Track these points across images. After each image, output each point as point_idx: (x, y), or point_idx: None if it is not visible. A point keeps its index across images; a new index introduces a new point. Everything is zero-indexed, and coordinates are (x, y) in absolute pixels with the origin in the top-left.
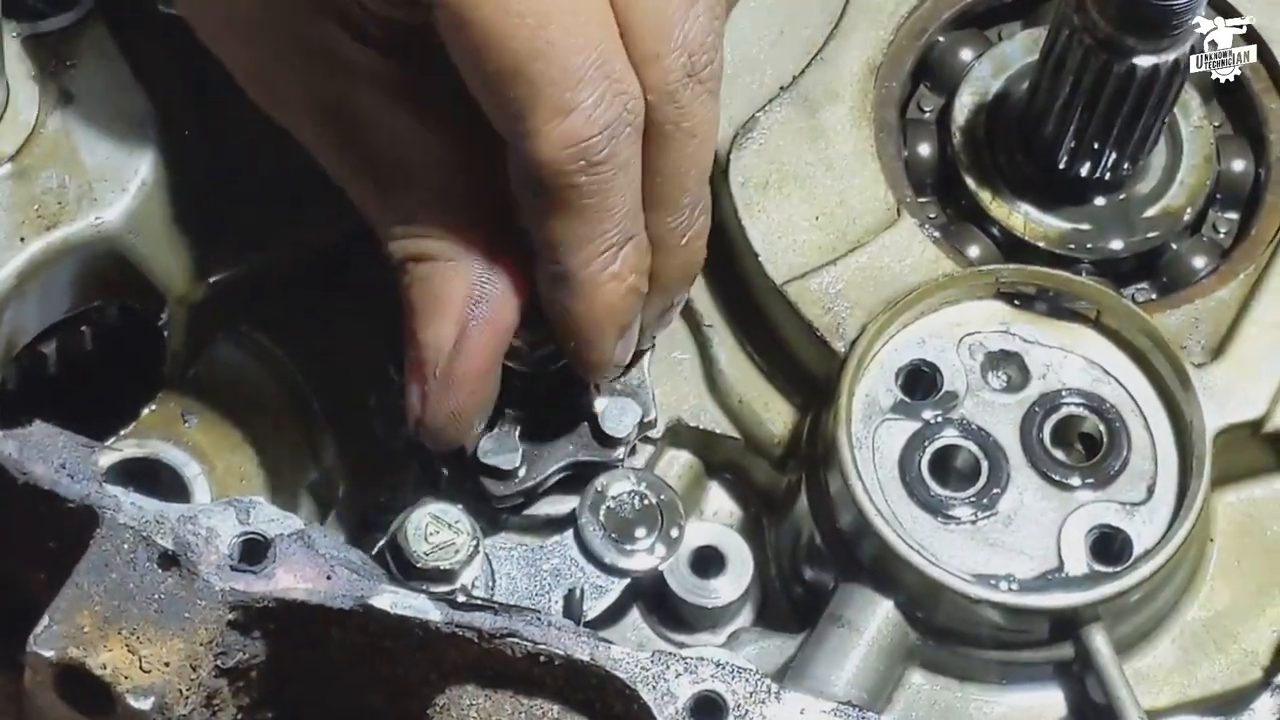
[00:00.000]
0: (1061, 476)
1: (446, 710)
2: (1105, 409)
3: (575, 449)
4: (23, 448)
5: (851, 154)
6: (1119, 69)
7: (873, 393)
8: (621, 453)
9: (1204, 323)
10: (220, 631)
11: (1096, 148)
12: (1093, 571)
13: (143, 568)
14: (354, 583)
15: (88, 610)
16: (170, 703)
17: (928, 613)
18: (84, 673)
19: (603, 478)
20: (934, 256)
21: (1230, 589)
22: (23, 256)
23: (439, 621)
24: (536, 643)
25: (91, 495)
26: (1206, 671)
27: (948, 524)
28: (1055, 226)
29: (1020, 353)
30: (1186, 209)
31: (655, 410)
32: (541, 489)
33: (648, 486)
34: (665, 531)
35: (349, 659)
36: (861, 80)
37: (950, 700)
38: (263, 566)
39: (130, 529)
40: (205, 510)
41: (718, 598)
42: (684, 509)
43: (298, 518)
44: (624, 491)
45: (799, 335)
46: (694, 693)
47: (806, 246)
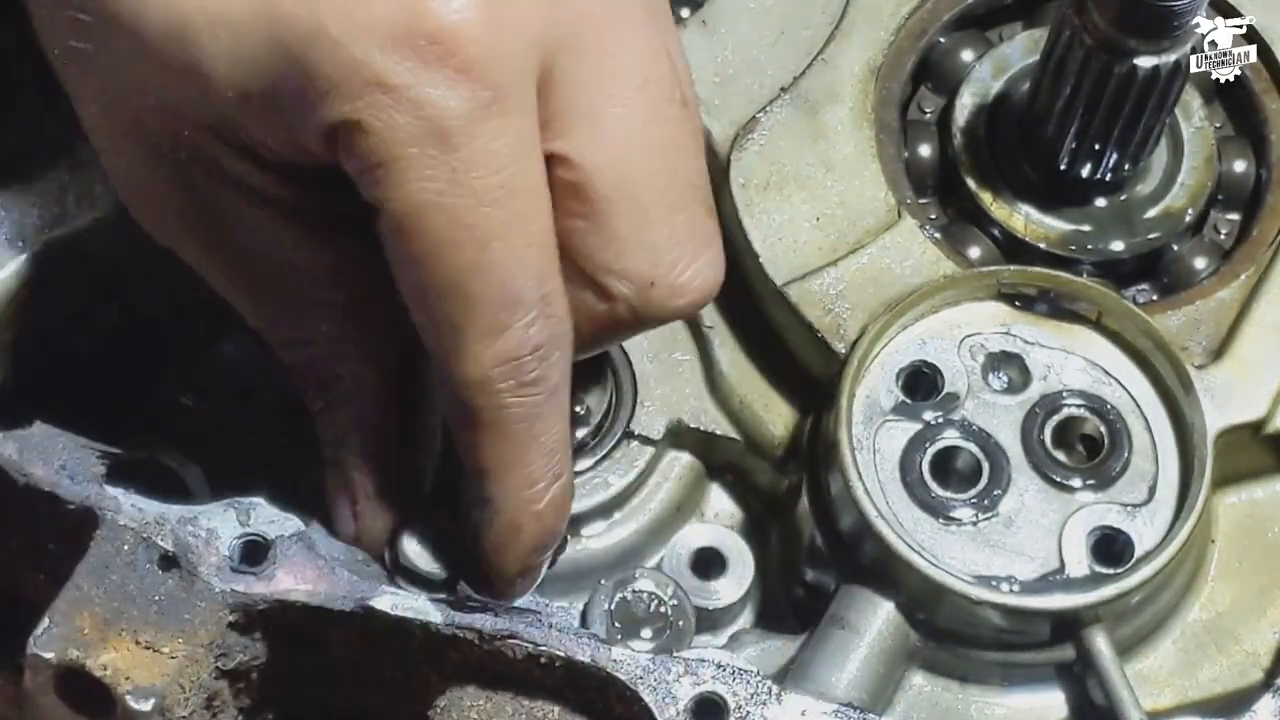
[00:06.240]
0: (1062, 478)
1: (447, 711)
2: (1106, 410)
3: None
4: (23, 449)
5: (852, 155)
6: (1120, 70)
7: (874, 394)
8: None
9: (1205, 324)
10: (220, 633)
11: (1097, 149)
12: (1094, 573)
13: (143, 569)
14: (354, 584)
15: (88, 612)
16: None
17: (929, 614)
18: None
19: (637, 571)
20: (935, 258)
21: (1231, 590)
22: (23, 256)
23: (439, 623)
24: (537, 644)
25: (92, 496)
26: (1208, 673)
27: (949, 525)
28: (1056, 228)
29: (1021, 354)
30: (1187, 210)
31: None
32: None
33: (671, 596)
34: (665, 643)
35: (349, 660)
36: (862, 81)
37: (951, 702)
38: (263, 568)
39: (130, 530)
40: (205, 512)
41: (719, 599)
42: (691, 637)
43: (298, 519)
44: (646, 591)
45: (800, 336)
46: (695, 694)
47: (807, 247)
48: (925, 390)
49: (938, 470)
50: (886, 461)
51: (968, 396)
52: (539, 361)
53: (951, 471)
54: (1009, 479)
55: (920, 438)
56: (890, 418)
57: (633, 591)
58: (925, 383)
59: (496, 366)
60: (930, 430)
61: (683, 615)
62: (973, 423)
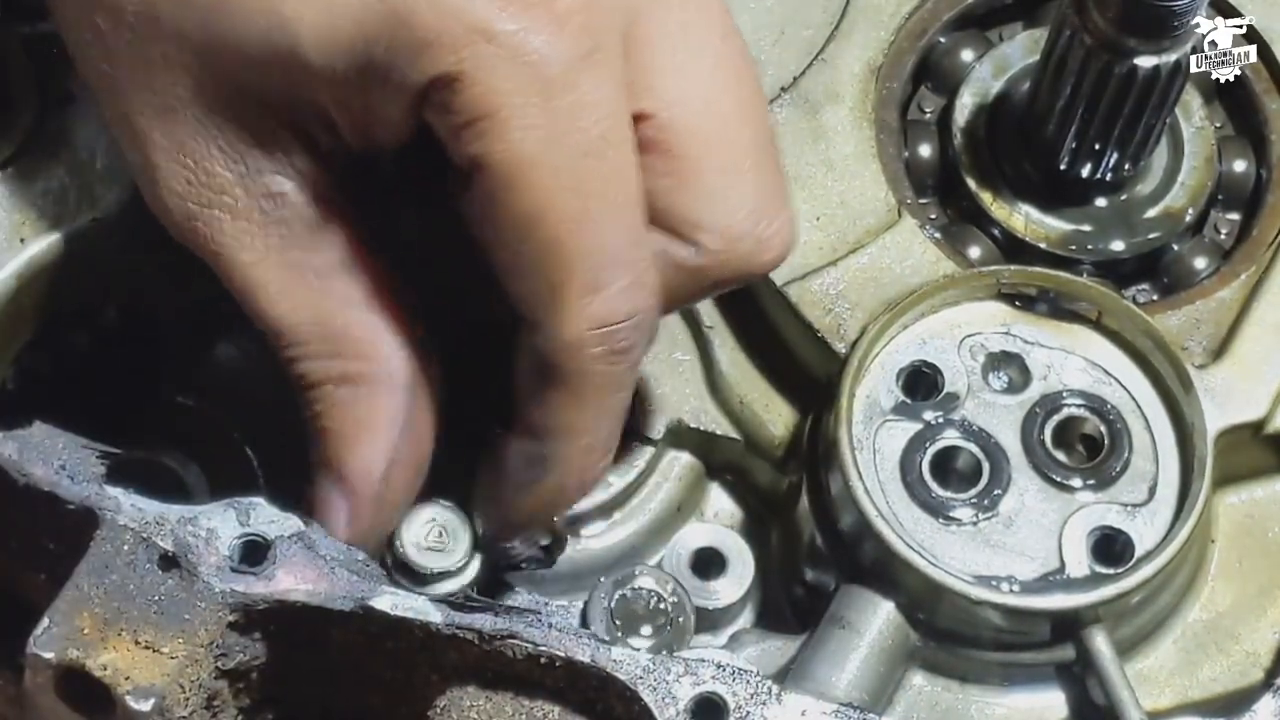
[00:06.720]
0: (1062, 478)
1: (447, 712)
2: (1106, 410)
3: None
4: (23, 449)
5: (852, 155)
6: (1120, 70)
7: (874, 394)
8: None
9: (1205, 324)
10: (220, 633)
11: (1098, 149)
12: (1094, 573)
13: (143, 569)
14: (354, 584)
15: (88, 612)
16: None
17: (929, 614)
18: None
19: (637, 569)
20: (935, 257)
21: (1231, 590)
22: (23, 257)
23: (439, 623)
24: (537, 644)
25: (91, 496)
26: (1208, 673)
27: (949, 525)
28: (1056, 227)
29: (1021, 354)
30: (1188, 210)
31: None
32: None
33: (671, 593)
34: (665, 640)
35: (349, 660)
36: (862, 81)
37: (951, 702)
38: (263, 568)
39: (130, 530)
40: (205, 511)
41: (718, 599)
42: (691, 635)
43: (298, 519)
44: (645, 588)
45: (800, 336)
46: (695, 694)
47: (807, 247)
48: (925, 390)
49: (938, 470)
50: (886, 461)
51: (968, 396)
52: (632, 329)
53: (951, 471)
54: (1009, 479)
55: (920, 438)
56: (890, 418)
57: (632, 589)
58: (925, 383)
59: (592, 329)
60: (930, 430)
61: (683, 612)
62: (973, 423)
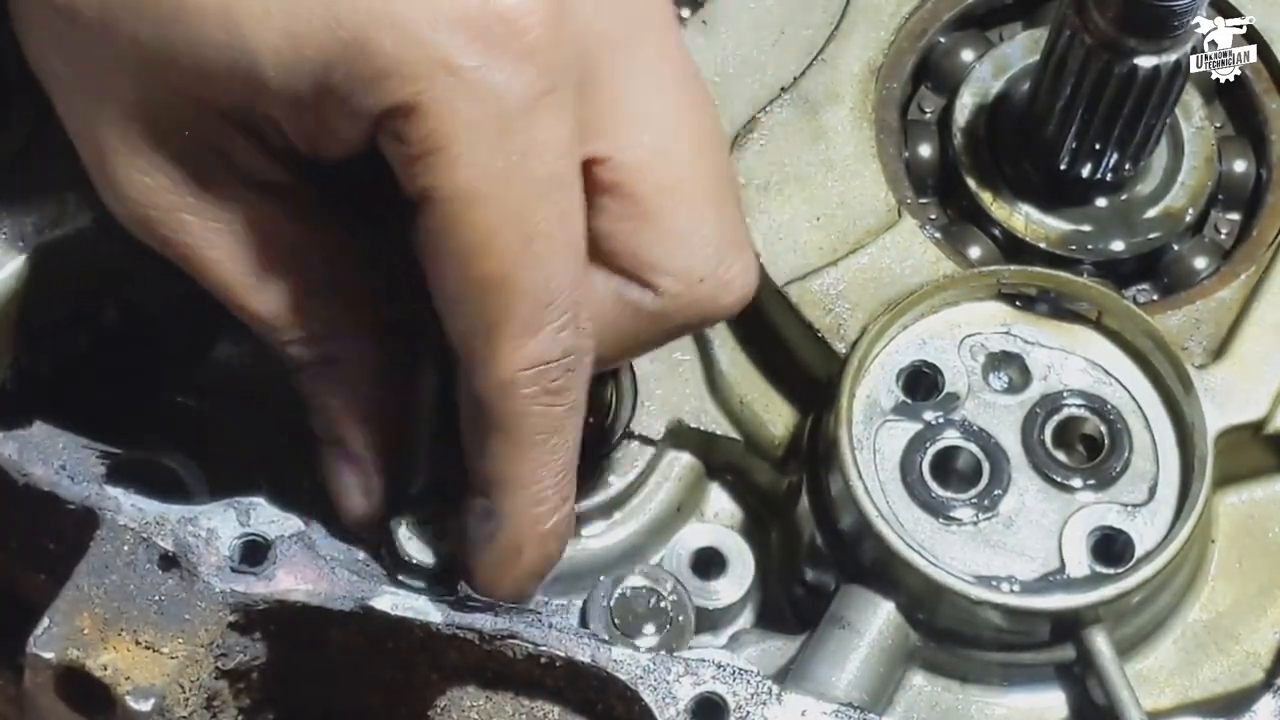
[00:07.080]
0: (1063, 478)
1: (447, 711)
2: (1106, 410)
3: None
4: (23, 449)
5: (852, 155)
6: (1120, 70)
7: (874, 394)
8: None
9: (1205, 324)
10: (220, 633)
11: (1098, 149)
12: (1094, 573)
13: (143, 569)
14: (354, 584)
15: (88, 612)
16: (170, 704)
17: (929, 614)
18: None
19: (639, 569)
20: (935, 257)
21: (1232, 590)
22: (23, 257)
23: (440, 623)
24: (537, 644)
25: (92, 496)
26: (1208, 673)
27: (949, 525)
28: (1056, 227)
29: (1021, 354)
30: (1188, 210)
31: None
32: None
33: (671, 593)
34: (665, 639)
35: (349, 660)
36: (862, 81)
37: (951, 702)
38: (263, 568)
39: (130, 530)
40: (205, 511)
41: (719, 599)
42: (691, 634)
43: (298, 519)
44: (645, 587)
45: (800, 336)
46: (695, 694)
47: (807, 247)
48: (925, 390)
49: (938, 470)
50: (886, 461)
51: (968, 396)
52: (564, 371)
53: (951, 471)
54: (1009, 479)
55: (920, 438)
56: (890, 418)
57: (632, 588)
58: (925, 383)
59: (525, 370)
60: (930, 430)
61: (683, 612)
62: (973, 423)
